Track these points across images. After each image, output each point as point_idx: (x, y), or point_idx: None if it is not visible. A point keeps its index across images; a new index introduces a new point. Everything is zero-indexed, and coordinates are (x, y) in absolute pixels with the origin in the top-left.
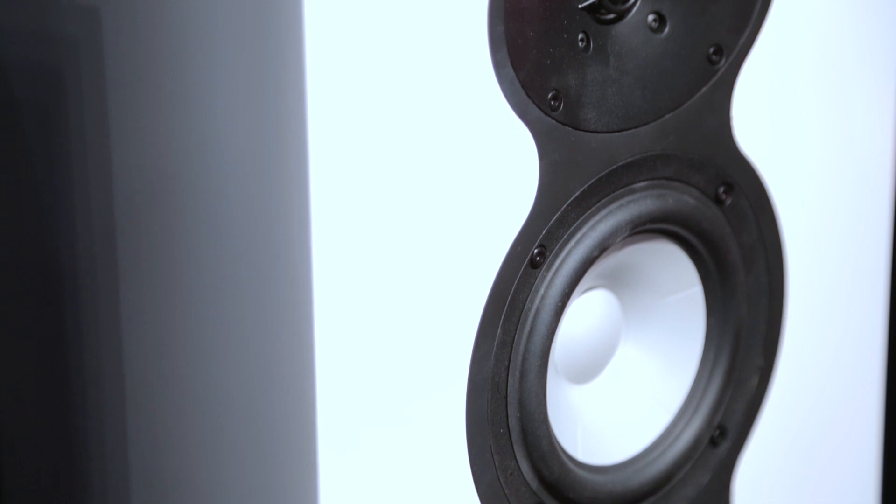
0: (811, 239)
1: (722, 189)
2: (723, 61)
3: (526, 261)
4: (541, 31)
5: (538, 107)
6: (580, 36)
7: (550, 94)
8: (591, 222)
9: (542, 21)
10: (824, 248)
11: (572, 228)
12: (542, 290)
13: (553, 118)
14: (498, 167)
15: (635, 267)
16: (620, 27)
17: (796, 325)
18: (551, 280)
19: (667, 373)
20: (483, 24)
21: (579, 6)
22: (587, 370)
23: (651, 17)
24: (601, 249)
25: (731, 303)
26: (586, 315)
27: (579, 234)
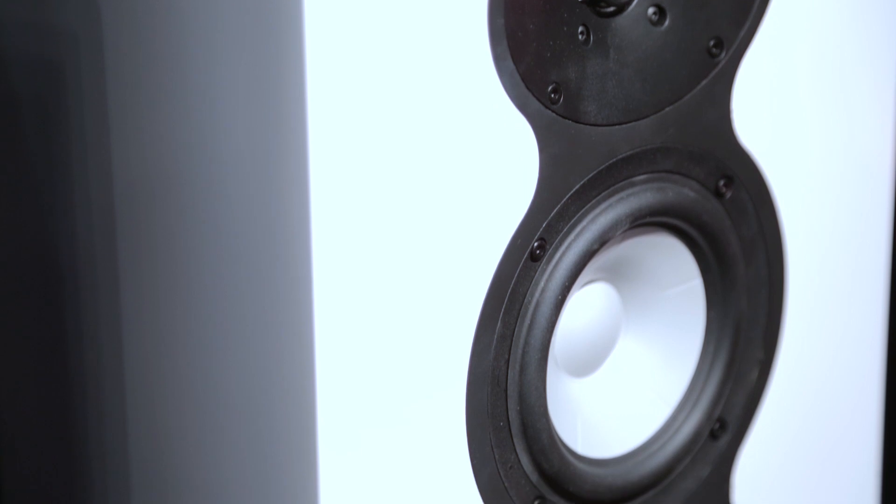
0: (811, 232)
1: (722, 182)
2: (723, 54)
3: (526, 254)
4: (541, 24)
5: (538, 100)
6: (580, 29)
7: (550, 87)
8: (591, 215)
9: (542, 14)
10: (824, 240)
11: (572, 221)
12: (542, 283)
13: (553, 111)
14: (498, 160)
15: (635, 260)
16: (620, 20)
17: (796, 317)
18: (551, 273)
19: (667, 366)
20: (483, 16)
21: None
22: (587, 363)
23: (651, 10)
24: (601, 242)
25: (731, 296)
26: (586, 308)
27: (579, 227)
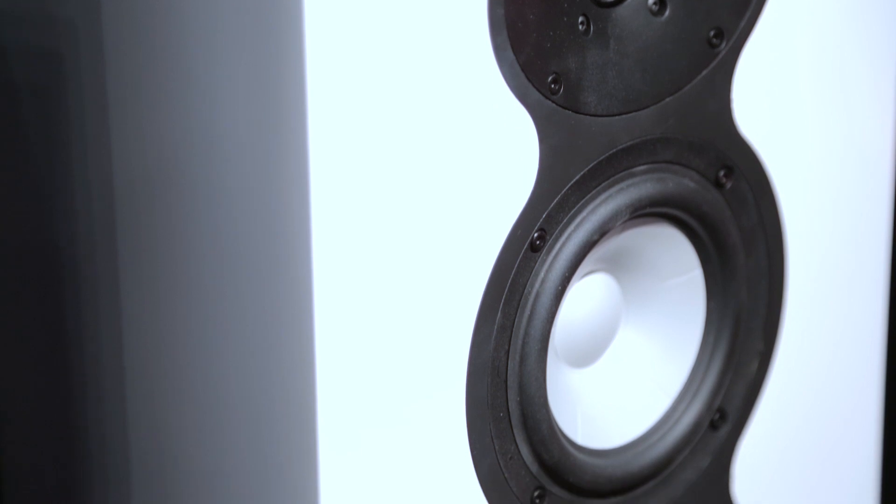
0: (811, 222)
1: (722, 172)
2: (723, 44)
3: (526, 244)
4: (541, 15)
5: (538, 90)
6: (580, 19)
7: (550, 78)
8: (591, 206)
9: (542, 4)
10: (825, 231)
11: (572, 212)
12: (542, 273)
13: (553, 101)
14: (498, 151)
15: (635, 250)
16: (621, 10)
17: (796, 308)
18: (551, 264)
19: (667, 356)
20: (483, 7)
21: None
22: (587, 354)
23: (651, 1)
24: (601, 233)
25: (731, 286)
26: (586, 299)
27: (579, 217)
